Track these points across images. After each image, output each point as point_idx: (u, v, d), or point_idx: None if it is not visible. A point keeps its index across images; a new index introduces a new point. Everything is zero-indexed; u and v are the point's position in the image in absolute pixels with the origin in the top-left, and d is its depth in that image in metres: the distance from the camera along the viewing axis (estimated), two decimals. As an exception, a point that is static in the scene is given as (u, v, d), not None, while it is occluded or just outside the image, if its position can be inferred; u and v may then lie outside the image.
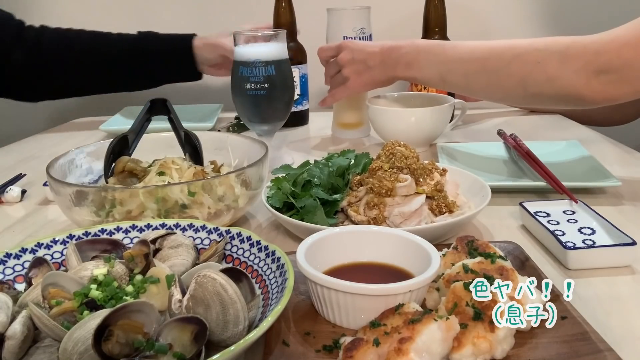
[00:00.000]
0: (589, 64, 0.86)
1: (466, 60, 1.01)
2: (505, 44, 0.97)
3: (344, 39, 1.21)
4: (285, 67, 1.04)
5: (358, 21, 1.24)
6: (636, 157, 1.12)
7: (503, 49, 0.97)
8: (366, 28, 1.24)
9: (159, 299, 0.55)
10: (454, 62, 1.03)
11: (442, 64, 1.04)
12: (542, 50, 0.91)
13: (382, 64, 1.11)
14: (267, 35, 1.02)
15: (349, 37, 1.22)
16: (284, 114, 1.07)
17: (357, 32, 1.23)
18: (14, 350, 0.48)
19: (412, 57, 1.07)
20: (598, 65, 0.85)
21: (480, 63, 0.99)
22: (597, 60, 0.85)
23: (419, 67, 1.07)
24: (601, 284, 0.65)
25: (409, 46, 1.08)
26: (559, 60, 0.89)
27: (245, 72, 1.01)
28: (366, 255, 0.63)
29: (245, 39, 1.02)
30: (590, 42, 0.87)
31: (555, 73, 0.89)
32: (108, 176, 0.86)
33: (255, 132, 1.09)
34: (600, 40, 0.86)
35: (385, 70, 1.12)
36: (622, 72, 0.84)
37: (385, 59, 1.11)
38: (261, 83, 1.01)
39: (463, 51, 1.02)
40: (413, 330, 0.48)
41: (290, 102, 1.08)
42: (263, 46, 1.02)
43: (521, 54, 0.93)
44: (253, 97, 1.02)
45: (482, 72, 0.99)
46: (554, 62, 0.89)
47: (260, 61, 1.00)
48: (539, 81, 0.92)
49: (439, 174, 0.82)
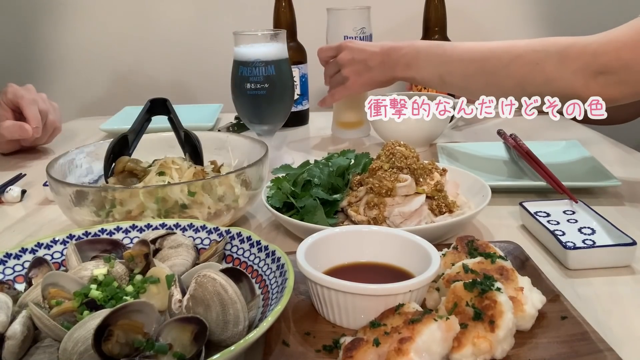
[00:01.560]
0: (587, 65, 0.86)
1: (465, 62, 1.01)
2: (504, 45, 0.97)
3: (344, 39, 1.21)
4: (285, 67, 1.04)
5: (358, 21, 1.24)
6: (636, 157, 1.12)
7: (502, 50, 0.96)
8: (366, 28, 1.24)
9: (159, 299, 0.55)
10: (453, 63, 1.03)
11: (441, 65, 1.04)
12: (541, 52, 0.91)
13: (382, 64, 1.11)
14: (267, 35, 1.02)
15: (349, 37, 1.22)
16: (284, 114, 1.07)
17: (357, 32, 1.23)
18: (14, 350, 0.48)
19: (412, 58, 1.07)
20: (597, 66, 0.85)
21: (480, 64, 0.99)
22: (596, 62, 0.85)
23: (418, 68, 1.07)
24: (601, 284, 0.65)
25: (408, 47, 1.08)
26: (558, 62, 0.89)
27: (245, 72, 1.01)
28: (366, 255, 0.63)
29: (245, 39, 1.02)
30: (589, 43, 0.87)
31: (553, 74, 0.89)
32: (108, 176, 0.86)
33: (255, 132, 1.09)
34: (599, 42, 0.86)
35: (385, 71, 1.12)
36: (620, 74, 0.84)
37: (384, 60, 1.11)
38: (261, 83, 1.01)
39: (462, 52, 1.02)
40: (413, 330, 0.48)
41: (290, 102, 1.08)
42: (263, 46, 1.02)
43: (520, 55, 0.93)
44: (253, 97, 1.02)
45: (481, 73, 0.99)
46: (553, 63, 0.89)
47: (260, 61, 1.00)
48: (538, 82, 0.91)
49: (439, 174, 0.82)
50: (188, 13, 1.75)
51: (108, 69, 1.81)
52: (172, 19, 1.75)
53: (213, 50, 1.76)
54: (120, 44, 1.78)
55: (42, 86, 1.76)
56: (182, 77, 1.77)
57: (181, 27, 1.75)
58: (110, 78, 1.81)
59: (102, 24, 1.77)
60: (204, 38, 1.77)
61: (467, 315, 0.51)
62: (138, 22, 1.76)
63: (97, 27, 1.78)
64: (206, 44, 1.78)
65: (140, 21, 1.76)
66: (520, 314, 0.53)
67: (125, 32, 1.77)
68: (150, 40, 1.77)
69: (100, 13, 1.77)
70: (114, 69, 1.80)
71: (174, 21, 1.75)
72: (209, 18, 1.74)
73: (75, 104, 1.77)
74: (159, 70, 1.78)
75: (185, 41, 1.76)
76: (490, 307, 0.50)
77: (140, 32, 1.77)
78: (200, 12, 1.74)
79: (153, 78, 1.78)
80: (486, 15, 1.68)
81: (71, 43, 1.79)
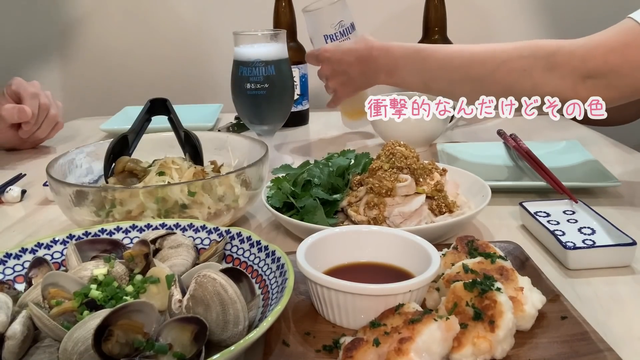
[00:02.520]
0: (575, 70, 0.86)
1: (448, 69, 0.99)
2: (488, 50, 0.95)
3: (324, 37, 1.19)
4: (285, 67, 1.04)
5: (334, 16, 1.18)
6: (636, 157, 1.12)
7: (485, 55, 0.95)
8: (344, 20, 1.18)
9: (159, 299, 0.55)
10: (435, 71, 1.01)
11: (423, 72, 1.03)
12: (528, 57, 0.90)
13: (363, 74, 1.10)
14: (267, 35, 1.02)
15: (329, 35, 1.19)
16: (284, 114, 1.07)
17: (335, 27, 1.18)
18: (14, 350, 0.48)
19: (392, 66, 1.06)
20: (584, 71, 0.85)
21: (464, 70, 0.97)
22: (584, 67, 0.85)
23: (400, 75, 1.06)
24: (601, 284, 0.65)
25: (385, 56, 1.06)
26: (545, 68, 0.88)
27: (245, 72, 1.01)
28: (366, 255, 0.63)
29: (245, 39, 1.02)
30: (576, 48, 0.87)
31: (541, 80, 0.89)
32: (108, 176, 0.86)
33: (255, 132, 1.08)
34: (586, 46, 0.86)
35: (368, 80, 1.11)
36: (608, 78, 0.84)
37: (364, 70, 1.09)
38: (261, 83, 1.01)
39: (442, 58, 1.00)
40: (413, 330, 0.48)
41: (290, 102, 1.08)
42: (263, 46, 1.02)
43: (505, 62, 0.92)
44: (253, 97, 1.02)
45: (466, 80, 0.97)
46: (540, 69, 0.89)
47: (260, 61, 1.00)
48: (526, 88, 0.91)
49: (439, 174, 0.82)
50: (188, 13, 1.75)
51: (108, 69, 1.81)
52: (172, 19, 1.75)
53: (213, 50, 1.76)
54: (121, 44, 1.78)
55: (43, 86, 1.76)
56: (182, 77, 1.77)
57: (181, 27, 1.75)
58: (111, 78, 1.81)
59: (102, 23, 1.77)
60: (204, 38, 1.77)
61: (467, 315, 0.51)
62: (138, 22, 1.76)
63: (97, 27, 1.77)
64: (206, 44, 1.78)
65: (140, 21, 1.76)
66: (520, 314, 0.53)
67: (126, 32, 1.77)
68: (151, 40, 1.77)
69: (101, 13, 1.77)
70: (114, 69, 1.80)
71: (174, 21, 1.75)
72: (209, 18, 1.74)
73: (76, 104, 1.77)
74: (159, 71, 1.78)
75: (185, 41, 1.76)
76: (490, 307, 0.50)
77: (140, 32, 1.77)
78: (201, 12, 1.74)
79: (153, 78, 1.78)
80: (486, 15, 1.68)
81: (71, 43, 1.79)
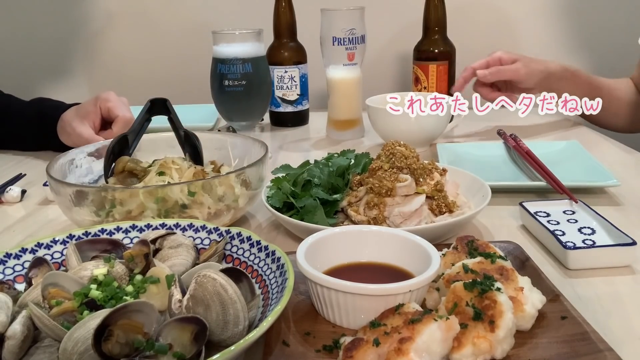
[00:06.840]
0: None
1: None
2: None
3: (332, 39, 1.20)
4: (262, 64, 1.10)
5: (348, 22, 1.20)
6: (636, 157, 1.12)
7: None
8: (357, 29, 1.20)
9: (159, 299, 0.55)
10: None
11: None
12: None
13: None
14: (245, 34, 1.07)
15: (338, 38, 1.21)
16: (262, 110, 1.14)
17: (346, 32, 1.20)
18: (14, 350, 0.48)
19: None
20: None
21: None
22: None
23: None
24: (601, 284, 0.65)
25: None
26: None
27: (223, 70, 1.06)
28: (366, 255, 0.63)
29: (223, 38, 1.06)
30: None
31: None
32: (108, 176, 0.87)
33: (234, 127, 1.13)
34: None
35: None
36: None
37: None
38: (239, 80, 1.05)
39: None
40: (413, 330, 0.48)
41: (267, 98, 1.14)
42: (240, 45, 1.07)
43: None
44: (231, 94, 1.06)
45: None
46: None
47: (238, 59, 1.04)
48: None
49: (439, 174, 0.82)
50: (188, 13, 1.75)
51: (108, 70, 1.81)
52: (172, 19, 1.75)
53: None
54: (121, 44, 1.78)
55: (43, 86, 1.77)
56: (182, 77, 1.77)
57: (181, 27, 1.75)
58: (111, 78, 1.81)
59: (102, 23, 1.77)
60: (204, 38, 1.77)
61: (467, 315, 0.51)
62: (138, 22, 1.76)
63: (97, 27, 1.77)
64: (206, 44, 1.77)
65: (140, 21, 1.76)
66: (520, 314, 0.53)
67: (126, 32, 1.77)
68: (151, 40, 1.77)
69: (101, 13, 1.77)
70: (114, 69, 1.80)
71: (174, 21, 1.75)
72: (209, 18, 1.73)
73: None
74: (159, 71, 1.78)
75: (185, 41, 1.76)
76: (490, 307, 0.50)
77: (140, 32, 1.76)
78: (201, 13, 1.74)
79: (153, 78, 1.78)
80: (486, 15, 1.68)
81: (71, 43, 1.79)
